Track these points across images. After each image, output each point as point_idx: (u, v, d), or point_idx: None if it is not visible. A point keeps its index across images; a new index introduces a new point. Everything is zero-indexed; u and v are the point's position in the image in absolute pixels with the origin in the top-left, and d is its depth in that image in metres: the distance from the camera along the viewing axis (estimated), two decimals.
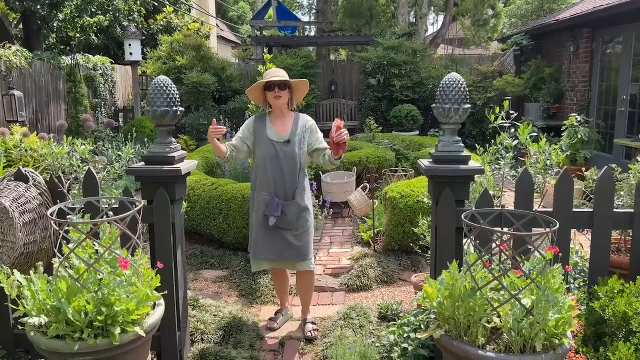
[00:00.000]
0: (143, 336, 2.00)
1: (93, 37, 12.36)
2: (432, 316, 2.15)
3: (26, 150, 3.04)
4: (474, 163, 2.56)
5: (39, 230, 2.56)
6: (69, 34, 12.04)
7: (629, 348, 2.09)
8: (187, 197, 4.97)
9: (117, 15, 11.61)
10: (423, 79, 10.55)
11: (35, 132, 3.60)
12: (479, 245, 2.12)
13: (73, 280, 1.97)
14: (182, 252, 2.88)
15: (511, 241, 2.47)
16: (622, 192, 3.48)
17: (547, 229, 1.98)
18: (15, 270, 2.05)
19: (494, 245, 2.02)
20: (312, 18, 24.13)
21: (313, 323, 3.39)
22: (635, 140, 6.76)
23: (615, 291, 2.39)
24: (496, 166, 3.21)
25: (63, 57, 9.54)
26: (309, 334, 3.27)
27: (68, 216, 2.46)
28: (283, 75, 3.16)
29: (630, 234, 2.70)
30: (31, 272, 2.04)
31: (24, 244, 2.45)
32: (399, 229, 4.43)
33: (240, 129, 3.26)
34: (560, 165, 2.94)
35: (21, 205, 2.50)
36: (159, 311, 2.19)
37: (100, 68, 10.54)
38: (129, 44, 8.98)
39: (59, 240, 2.11)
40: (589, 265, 2.65)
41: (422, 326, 2.69)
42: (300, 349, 3.18)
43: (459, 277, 2.03)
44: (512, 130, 3.10)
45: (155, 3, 14.42)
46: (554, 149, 2.94)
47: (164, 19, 14.15)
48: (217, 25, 20.33)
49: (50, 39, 12.99)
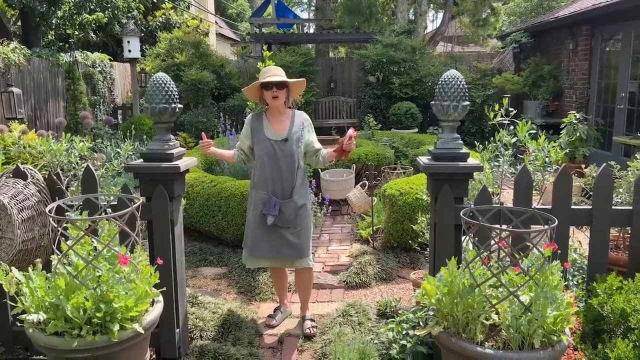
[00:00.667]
0: (142, 333, 2.01)
1: (92, 34, 12.34)
2: (431, 313, 2.16)
3: (25, 148, 3.03)
4: (472, 160, 2.57)
5: (38, 227, 2.56)
6: (67, 31, 12.01)
7: (627, 345, 2.10)
8: (186, 195, 4.96)
9: (115, 12, 11.58)
10: (422, 77, 10.54)
11: (34, 130, 3.59)
12: (477, 242, 2.12)
13: (72, 277, 1.97)
14: (181, 249, 2.88)
15: (510, 238, 2.47)
16: (621, 190, 3.48)
17: (546, 226, 1.98)
18: (13, 268, 2.05)
19: (492, 242, 2.02)
20: (312, 15, 24.11)
21: (312, 320, 3.39)
22: (634, 137, 6.76)
23: (614, 288, 2.40)
24: (495, 163, 3.21)
25: (62, 54, 9.52)
26: (307, 331, 3.28)
27: (67, 213, 2.46)
28: (281, 74, 3.14)
29: (629, 232, 2.71)
30: (30, 269, 2.04)
31: (22, 241, 2.45)
32: (397, 227, 4.44)
33: (242, 131, 3.28)
34: (559, 163, 2.93)
35: (20, 202, 2.50)
36: (158, 308, 2.19)
37: (99, 65, 10.52)
38: (128, 41, 8.95)
39: (58, 237, 2.11)
40: (588, 262, 2.66)
41: (420, 323, 2.69)
42: (299, 346, 3.18)
43: (458, 274, 2.03)
44: (512, 127, 3.09)
45: (154, 0, 14.38)
46: (553, 146, 2.94)
47: (163, 16, 14.13)
48: (216, 22, 20.30)
49: (49, 36, 12.96)
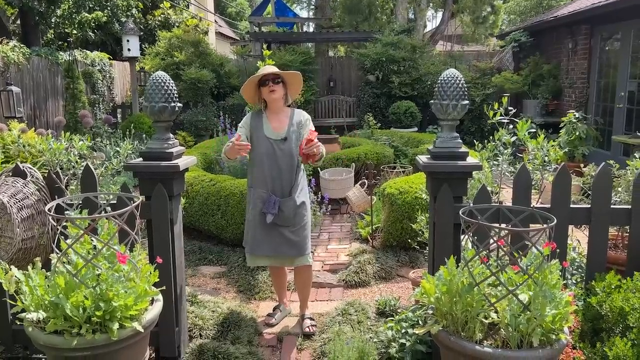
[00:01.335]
0: (141, 332, 2.01)
1: (91, 33, 12.32)
2: (430, 312, 2.16)
3: (24, 146, 3.03)
4: (472, 159, 2.57)
5: (37, 226, 2.56)
6: (66, 30, 12.00)
7: (625, 344, 2.10)
8: (185, 194, 4.96)
9: (115, 11, 11.58)
10: (422, 76, 10.54)
11: (33, 128, 3.59)
12: (476, 241, 2.12)
13: (71, 276, 1.97)
14: (180, 248, 2.88)
15: (509, 237, 2.47)
16: (619, 189, 3.48)
17: (545, 225, 1.98)
18: (13, 266, 2.06)
19: (491, 241, 2.03)
20: (311, 14, 24.09)
21: (311, 319, 3.40)
22: (634, 137, 6.77)
23: (613, 287, 2.40)
24: (494, 162, 3.22)
25: (61, 53, 9.51)
26: (307, 329, 3.28)
27: (66, 212, 2.46)
28: (275, 70, 3.16)
29: (628, 231, 2.71)
30: (29, 267, 2.04)
31: (22, 240, 2.46)
32: (397, 225, 4.44)
33: (239, 128, 3.24)
34: (558, 162, 2.94)
35: (19, 201, 2.50)
36: (157, 307, 2.19)
37: (98, 64, 10.51)
38: (127, 40, 8.95)
39: (57, 236, 2.11)
40: (587, 261, 2.66)
41: (419, 322, 2.70)
42: (298, 344, 3.18)
43: (457, 273, 2.03)
44: (511, 127, 3.10)
45: None
46: (552, 145, 2.94)
47: (162, 15, 14.11)
48: (215, 21, 20.28)
49: (48, 35, 12.95)
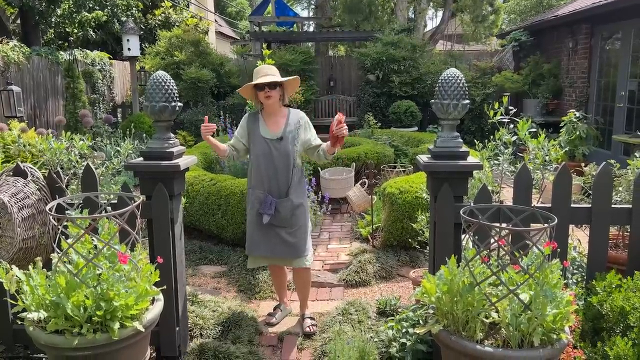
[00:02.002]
0: (142, 331, 2.01)
1: (91, 32, 12.32)
2: (431, 311, 2.16)
3: (24, 146, 3.03)
4: (472, 159, 2.57)
5: (38, 225, 2.56)
6: (67, 29, 11.99)
7: (626, 343, 2.10)
8: (185, 193, 4.96)
9: (115, 10, 11.57)
10: (422, 75, 10.54)
11: (33, 128, 3.59)
12: (477, 240, 2.12)
13: (72, 276, 1.97)
14: (181, 247, 2.88)
15: (509, 237, 2.48)
16: (620, 188, 3.48)
17: (546, 225, 1.98)
18: (14, 266, 2.06)
19: (492, 240, 2.03)
20: (311, 14, 24.08)
21: (312, 318, 3.40)
22: (634, 136, 6.77)
23: (613, 286, 2.40)
24: (495, 162, 3.22)
25: (61, 52, 9.50)
26: (307, 329, 3.28)
27: (67, 211, 2.46)
28: (274, 73, 3.12)
29: (628, 230, 2.71)
30: (30, 267, 2.04)
31: (22, 240, 2.46)
32: (397, 225, 4.44)
33: (236, 131, 3.26)
34: (558, 162, 2.94)
35: (20, 201, 2.50)
36: (158, 306, 2.19)
37: (98, 64, 10.51)
38: (127, 40, 8.94)
39: (58, 235, 2.11)
40: (587, 260, 2.66)
41: (420, 321, 2.70)
42: (298, 344, 3.18)
43: (458, 273, 2.04)
44: (511, 126, 3.10)
45: None
46: (553, 145, 2.94)
47: (162, 14, 14.10)
48: (215, 20, 20.26)
49: (49, 34, 12.94)
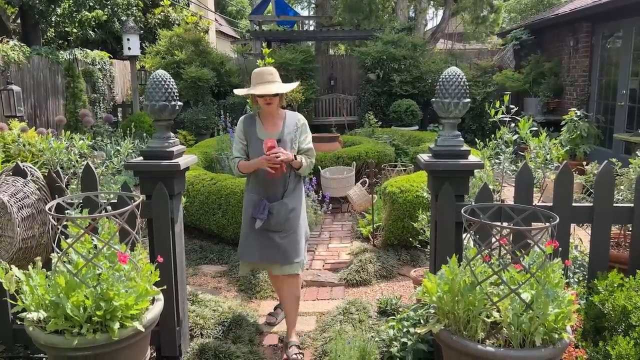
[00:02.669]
0: (142, 331, 2.00)
1: (91, 32, 12.31)
2: (432, 311, 2.15)
3: (24, 146, 3.02)
4: (473, 158, 2.56)
5: (38, 225, 2.55)
6: (67, 28, 11.98)
7: (628, 342, 2.09)
8: (186, 193, 4.96)
9: (115, 9, 11.55)
10: (423, 74, 10.53)
11: (33, 127, 3.58)
12: (478, 240, 2.11)
13: (72, 275, 1.97)
14: (181, 247, 2.87)
15: (511, 236, 2.47)
16: (622, 187, 3.47)
17: (547, 224, 1.97)
18: (13, 266, 2.05)
19: (493, 239, 2.02)
20: (312, 12, 24.06)
21: (298, 347, 3.06)
22: (635, 135, 6.75)
23: (615, 285, 2.39)
24: (496, 161, 3.21)
25: (61, 52, 9.50)
26: (293, 357, 2.96)
27: (66, 211, 2.45)
28: (274, 79, 3.01)
29: (630, 229, 2.70)
30: (30, 267, 2.04)
31: (22, 239, 2.45)
32: (398, 224, 4.43)
33: (236, 139, 3.14)
34: (559, 160, 2.93)
35: (19, 201, 2.49)
36: (158, 306, 2.19)
37: (98, 63, 10.51)
38: (128, 39, 8.94)
39: (58, 235, 2.11)
40: (589, 259, 2.65)
41: (421, 321, 2.69)
42: (300, 343, 3.17)
43: (459, 272, 2.03)
44: (512, 125, 3.09)
45: None
46: (554, 143, 2.93)
47: (162, 13, 14.08)
48: (215, 20, 20.24)
49: (49, 33, 12.94)
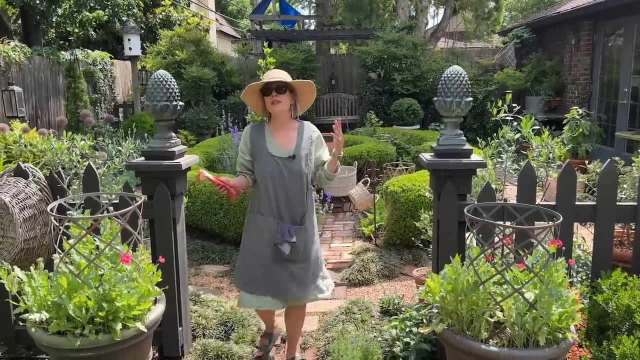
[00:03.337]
0: (144, 332, 2.00)
1: (92, 32, 12.31)
2: (435, 310, 2.14)
3: (26, 146, 3.02)
4: (476, 157, 2.55)
5: (39, 226, 2.55)
6: (68, 29, 11.99)
7: (632, 342, 2.09)
8: (187, 193, 4.96)
9: (116, 10, 11.56)
10: (424, 73, 10.52)
11: (35, 128, 3.58)
12: (481, 239, 2.11)
13: (74, 276, 1.96)
14: (183, 247, 2.87)
15: (514, 235, 2.46)
16: (624, 186, 3.46)
17: (551, 223, 1.96)
18: (15, 267, 2.05)
19: (496, 239, 2.01)
20: (312, 12, 24.05)
21: None
22: (637, 133, 6.74)
23: (619, 284, 2.39)
24: (498, 160, 3.20)
25: (62, 52, 9.50)
26: None
27: (68, 212, 2.45)
28: (283, 77, 2.60)
29: (633, 228, 2.69)
30: (32, 268, 2.03)
31: (24, 240, 2.45)
32: (400, 224, 4.42)
33: (239, 149, 2.75)
34: (562, 159, 2.92)
35: (21, 201, 2.49)
36: (161, 307, 2.18)
37: (99, 63, 10.51)
38: (129, 39, 8.95)
39: (60, 236, 2.10)
40: (592, 258, 2.64)
41: (424, 321, 2.68)
42: (302, 343, 3.17)
43: (462, 272, 2.02)
44: (514, 123, 3.08)
45: None
46: (556, 142, 2.92)
47: (163, 13, 14.08)
48: (216, 19, 20.24)
49: (50, 34, 12.94)
